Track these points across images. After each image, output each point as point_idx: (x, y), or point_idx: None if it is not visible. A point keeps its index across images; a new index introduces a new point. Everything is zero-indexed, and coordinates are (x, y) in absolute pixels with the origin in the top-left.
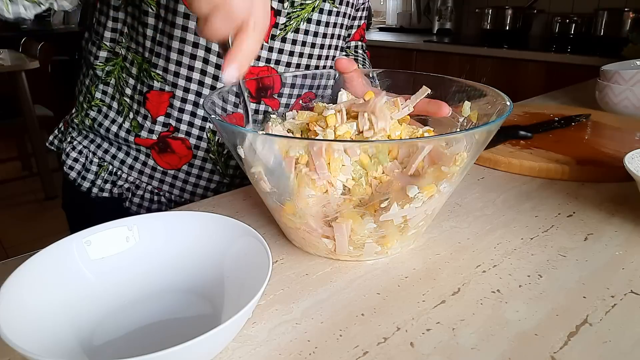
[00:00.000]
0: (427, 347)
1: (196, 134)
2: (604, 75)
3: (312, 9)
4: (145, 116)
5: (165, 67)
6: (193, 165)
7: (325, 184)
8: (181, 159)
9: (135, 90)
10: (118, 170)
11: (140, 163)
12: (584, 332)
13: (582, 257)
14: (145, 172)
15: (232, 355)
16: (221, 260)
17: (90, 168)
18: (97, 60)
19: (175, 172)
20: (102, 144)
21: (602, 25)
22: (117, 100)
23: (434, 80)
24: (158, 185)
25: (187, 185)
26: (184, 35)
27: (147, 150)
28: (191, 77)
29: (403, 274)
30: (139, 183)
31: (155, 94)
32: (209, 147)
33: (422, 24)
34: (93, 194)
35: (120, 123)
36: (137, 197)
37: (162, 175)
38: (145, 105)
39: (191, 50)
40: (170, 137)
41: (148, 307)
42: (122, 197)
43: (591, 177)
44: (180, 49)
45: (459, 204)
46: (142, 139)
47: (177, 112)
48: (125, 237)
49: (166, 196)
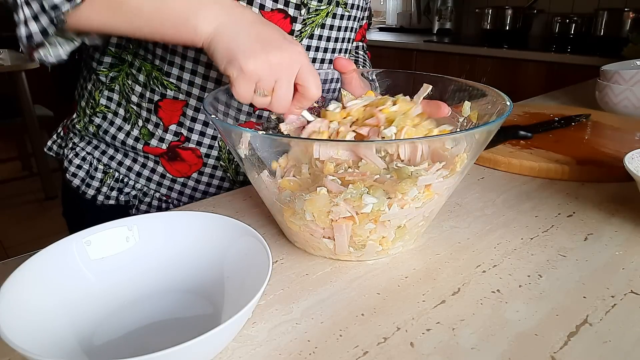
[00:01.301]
0: (427, 347)
1: (207, 143)
2: (604, 75)
3: (326, 14)
4: (156, 124)
5: (180, 76)
6: (203, 173)
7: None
8: (191, 167)
9: (144, 98)
10: (125, 177)
11: (149, 170)
12: (584, 332)
13: (582, 257)
14: (153, 179)
15: (232, 355)
16: (221, 260)
17: (95, 175)
18: (101, 65)
19: (184, 179)
20: (107, 150)
21: (602, 25)
22: (124, 107)
23: (434, 80)
24: (166, 192)
25: (197, 192)
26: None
27: (156, 157)
28: (205, 87)
29: (403, 274)
30: (146, 190)
31: (169, 102)
32: (219, 155)
33: (422, 24)
34: (99, 201)
35: (128, 130)
36: (145, 204)
37: (171, 182)
38: (158, 113)
39: (207, 60)
40: (180, 147)
41: (148, 307)
42: (128, 204)
43: (591, 177)
44: (195, 57)
45: (459, 204)
46: (151, 147)
47: (189, 122)
48: (125, 237)
49: (174, 203)
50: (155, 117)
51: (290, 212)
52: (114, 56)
